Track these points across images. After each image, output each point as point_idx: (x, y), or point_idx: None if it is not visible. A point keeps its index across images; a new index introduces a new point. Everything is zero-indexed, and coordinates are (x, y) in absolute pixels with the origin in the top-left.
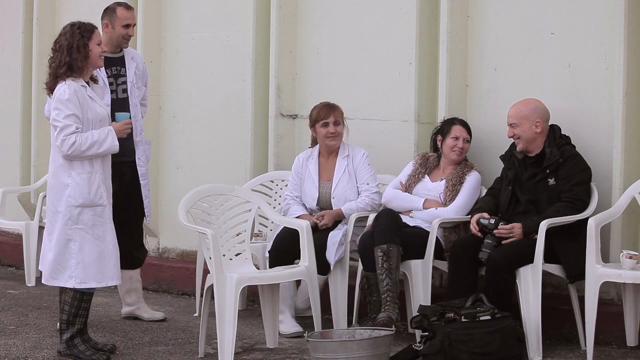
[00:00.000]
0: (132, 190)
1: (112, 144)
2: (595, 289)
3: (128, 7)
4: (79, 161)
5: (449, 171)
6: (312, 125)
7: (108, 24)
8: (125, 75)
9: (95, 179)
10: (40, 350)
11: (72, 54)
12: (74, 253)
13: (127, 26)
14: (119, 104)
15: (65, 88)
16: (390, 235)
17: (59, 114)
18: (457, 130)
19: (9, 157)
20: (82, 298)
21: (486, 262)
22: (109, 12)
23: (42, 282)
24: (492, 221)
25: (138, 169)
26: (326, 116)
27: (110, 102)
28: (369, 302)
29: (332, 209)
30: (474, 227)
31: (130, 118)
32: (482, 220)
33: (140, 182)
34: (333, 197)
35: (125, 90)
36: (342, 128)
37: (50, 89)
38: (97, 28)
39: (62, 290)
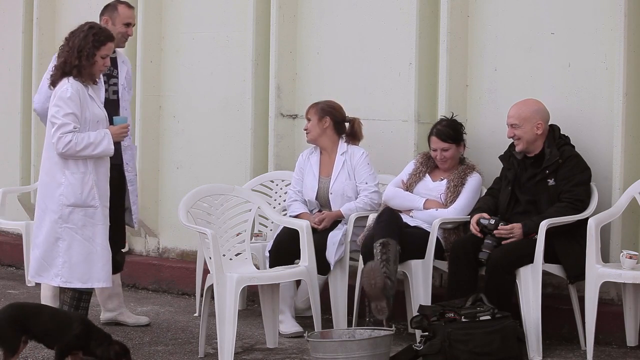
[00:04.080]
0: (117, 194)
1: (107, 147)
2: (595, 289)
3: (129, 6)
4: (73, 161)
5: (449, 171)
6: None
7: (108, 20)
8: (117, 77)
9: (89, 180)
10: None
11: (80, 58)
12: (62, 252)
13: (128, 25)
14: (109, 106)
15: (67, 86)
16: (388, 231)
17: (59, 112)
18: (433, 142)
19: (9, 157)
20: (80, 297)
21: (486, 262)
22: (110, 8)
23: (28, 278)
24: (492, 221)
25: (126, 175)
26: (306, 113)
27: (103, 102)
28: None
29: (330, 204)
30: (474, 228)
31: (127, 122)
32: (482, 221)
33: (129, 187)
34: (331, 193)
35: (115, 92)
36: (314, 125)
37: (54, 82)
38: (112, 41)
39: (62, 289)
